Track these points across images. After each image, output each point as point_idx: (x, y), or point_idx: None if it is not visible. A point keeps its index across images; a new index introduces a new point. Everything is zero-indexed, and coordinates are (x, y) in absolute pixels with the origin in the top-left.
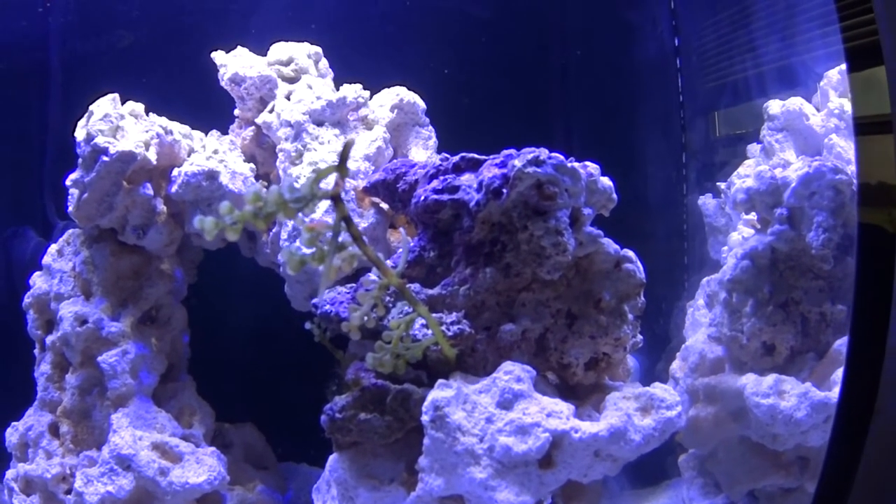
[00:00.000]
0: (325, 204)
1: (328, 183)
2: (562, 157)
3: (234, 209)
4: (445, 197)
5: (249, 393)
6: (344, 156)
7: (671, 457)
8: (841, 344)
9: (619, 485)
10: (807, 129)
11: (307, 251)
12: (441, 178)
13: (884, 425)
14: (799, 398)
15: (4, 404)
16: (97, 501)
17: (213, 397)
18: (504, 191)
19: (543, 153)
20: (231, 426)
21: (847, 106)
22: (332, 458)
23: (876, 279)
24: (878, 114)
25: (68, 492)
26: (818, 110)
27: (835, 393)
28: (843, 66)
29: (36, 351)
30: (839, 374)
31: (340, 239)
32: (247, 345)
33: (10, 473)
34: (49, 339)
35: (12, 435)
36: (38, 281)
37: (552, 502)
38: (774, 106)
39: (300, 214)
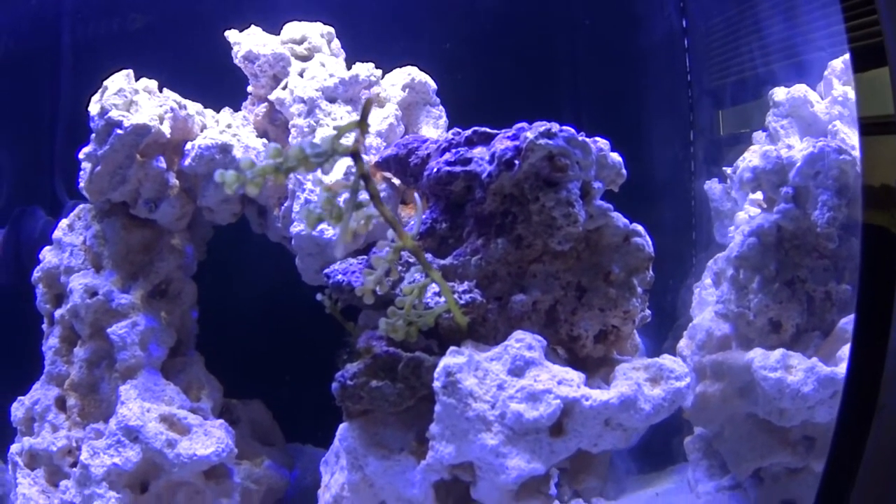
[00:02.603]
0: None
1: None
2: (573, 131)
3: (255, 164)
4: (458, 169)
5: (257, 372)
6: (365, 112)
7: (677, 439)
8: (846, 322)
9: (626, 469)
10: (811, 115)
11: (324, 210)
12: (453, 150)
13: (887, 421)
14: (806, 373)
15: (12, 379)
16: (103, 474)
17: (220, 375)
18: (516, 162)
19: (555, 126)
20: (238, 402)
21: (851, 94)
22: (342, 427)
23: (880, 279)
24: (883, 114)
25: (74, 465)
26: (822, 98)
27: (841, 369)
28: (848, 55)
29: (44, 325)
30: (845, 350)
31: (358, 198)
32: (256, 323)
33: (14, 448)
34: (58, 312)
35: (18, 409)
36: (48, 255)
37: (557, 480)
38: (779, 93)
39: (319, 173)
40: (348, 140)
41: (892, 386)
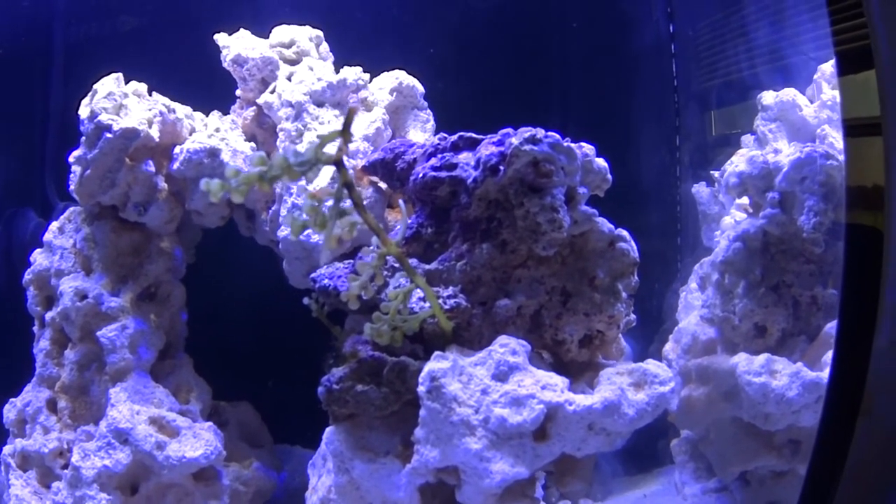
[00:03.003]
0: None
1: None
2: (558, 136)
3: (239, 173)
4: (443, 174)
5: (245, 374)
6: (348, 121)
7: (663, 441)
8: (831, 327)
9: (612, 471)
10: (800, 119)
11: (308, 217)
12: (439, 156)
13: (871, 425)
14: (790, 377)
15: (3, 381)
16: (94, 475)
17: (209, 378)
18: (501, 168)
19: (540, 132)
20: (227, 404)
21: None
22: (328, 430)
23: (863, 280)
24: (868, 116)
25: (65, 466)
26: (811, 102)
27: (826, 374)
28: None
29: (35, 328)
30: (830, 356)
31: (342, 205)
32: (244, 326)
33: (7, 449)
34: (48, 315)
35: (10, 411)
36: (38, 258)
37: (544, 482)
38: (768, 97)
39: (303, 181)
40: (332, 148)
41: (876, 389)
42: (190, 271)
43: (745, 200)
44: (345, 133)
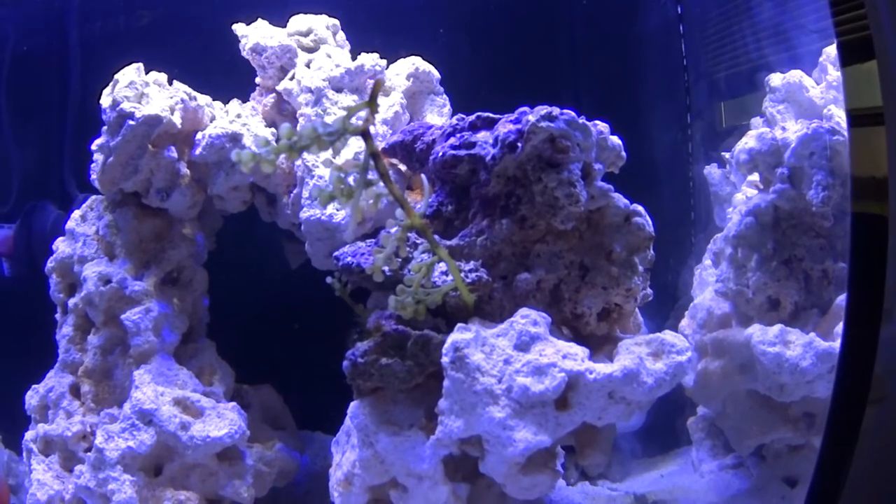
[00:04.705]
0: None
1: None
2: (573, 114)
3: (269, 143)
4: (462, 152)
5: (267, 360)
6: (374, 92)
7: (680, 421)
8: (843, 300)
9: (631, 452)
10: (807, 100)
11: (335, 188)
12: (458, 135)
13: (879, 415)
14: (804, 347)
15: (25, 369)
16: (118, 457)
17: (230, 363)
18: (519, 144)
19: (556, 110)
20: (250, 387)
21: None
22: (352, 404)
23: (869, 269)
24: (871, 106)
25: (88, 450)
26: (817, 83)
27: (839, 344)
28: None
29: (57, 315)
30: (841, 327)
31: (368, 176)
32: (264, 311)
33: (29, 435)
34: (71, 301)
35: (32, 397)
36: (61, 245)
37: (563, 461)
38: (775, 78)
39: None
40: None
41: (886, 375)
42: (211, 257)
43: (755, 177)
44: (371, 104)
